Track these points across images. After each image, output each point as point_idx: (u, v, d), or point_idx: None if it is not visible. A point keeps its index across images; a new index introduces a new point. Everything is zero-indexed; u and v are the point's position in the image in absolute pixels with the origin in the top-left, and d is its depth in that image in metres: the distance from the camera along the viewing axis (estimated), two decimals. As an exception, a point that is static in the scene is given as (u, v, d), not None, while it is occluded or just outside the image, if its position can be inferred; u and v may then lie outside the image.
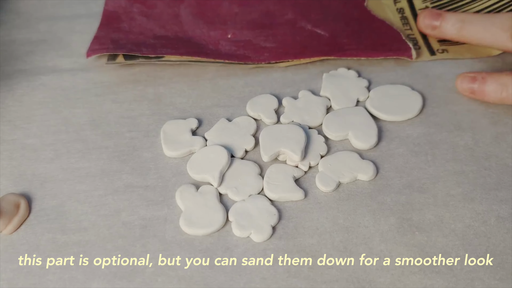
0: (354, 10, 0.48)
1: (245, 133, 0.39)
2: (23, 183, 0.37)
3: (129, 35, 0.46)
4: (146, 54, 0.43)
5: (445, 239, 0.33)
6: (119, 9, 0.48)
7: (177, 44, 0.45)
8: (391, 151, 0.38)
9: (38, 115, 0.41)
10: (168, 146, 0.38)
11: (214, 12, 0.48)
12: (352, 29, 0.46)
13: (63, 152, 0.39)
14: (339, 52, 0.44)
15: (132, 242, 0.34)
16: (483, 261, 0.32)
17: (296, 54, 0.44)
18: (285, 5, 0.48)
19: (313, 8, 0.48)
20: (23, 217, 0.35)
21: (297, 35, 0.46)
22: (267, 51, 0.45)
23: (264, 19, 0.47)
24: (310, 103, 0.41)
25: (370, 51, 0.44)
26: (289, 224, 0.35)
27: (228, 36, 0.46)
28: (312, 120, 0.40)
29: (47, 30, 0.48)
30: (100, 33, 0.46)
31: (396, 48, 0.44)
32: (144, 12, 0.48)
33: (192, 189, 0.36)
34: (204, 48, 0.45)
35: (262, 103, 0.41)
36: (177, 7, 0.48)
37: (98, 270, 0.33)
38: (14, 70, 0.44)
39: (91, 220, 0.35)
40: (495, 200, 0.35)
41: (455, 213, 0.35)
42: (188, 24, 0.47)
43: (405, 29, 0.46)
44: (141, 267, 0.33)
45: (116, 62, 0.44)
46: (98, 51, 0.44)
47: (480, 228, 0.34)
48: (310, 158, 0.37)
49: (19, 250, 0.34)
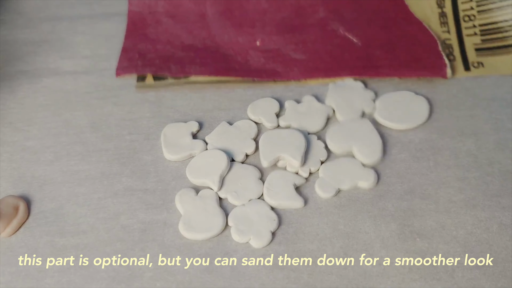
0: (390, 5, 0.45)
1: (246, 137, 0.39)
2: (23, 185, 0.37)
3: (157, 44, 0.44)
4: (174, 74, 0.42)
5: (446, 245, 0.33)
6: (144, 9, 0.47)
7: (206, 57, 0.43)
8: (393, 157, 0.38)
9: (39, 118, 0.41)
10: (168, 150, 0.38)
11: (241, 9, 0.46)
12: (386, 36, 0.44)
13: (63, 154, 0.39)
14: (371, 71, 0.42)
15: (131, 245, 0.34)
16: (484, 269, 0.32)
17: (327, 70, 0.42)
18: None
19: (346, 3, 0.45)
20: (22, 219, 0.35)
21: (328, 43, 0.44)
22: (297, 65, 0.43)
23: (294, 19, 0.45)
24: (312, 109, 0.40)
25: (403, 69, 0.41)
26: (289, 229, 0.34)
27: (257, 43, 0.44)
28: (310, 127, 0.39)
29: (50, 31, 0.48)
30: (128, 44, 0.45)
31: (431, 64, 0.42)
32: (170, 12, 0.46)
33: (191, 193, 0.36)
34: (233, 61, 0.43)
35: (263, 107, 0.40)
36: (202, 4, 0.46)
37: (97, 274, 0.32)
38: (16, 71, 0.44)
39: (90, 223, 0.35)
40: (497, 207, 0.35)
41: (457, 219, 0.34)
42: (215, 28, 0.45)
43: (442, 31, 0.44)
44: (140, 271, 0.32)
45: (146, 85, 0.43)
46: (127, 70, 0.43)
47: (482, 235, 0.34)
48: (310, 164, 0.37)
49: (17, 252, 0.33)
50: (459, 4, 0.44)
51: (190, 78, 0.42)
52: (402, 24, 0.44)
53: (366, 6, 0.45)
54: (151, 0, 0.47)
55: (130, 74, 0.43)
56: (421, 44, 0.43)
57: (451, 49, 0.43)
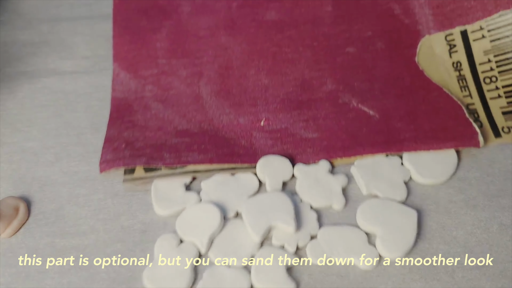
0: (403, 71, 0.40)
1: (243, 193, 0.35)
2: (23, 186, 0.37)
3: (146, 131, 0.38)
4: (169, 163, 0.36)
5: (446, 246, 0.33)
6: (129, 95, 0.41)
7: (204, 143, 0.38)
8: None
9: (39, 118, 0.41)
10: (159, 204, 0.35)
11: (239, 87, 0.41)
12: (405, 105, 0.39)
13: (63, 155, 0.39)
14: (395, 146, 0.37)
15: (132, 246, 0.34)
16: (485, 269, 0.32)
17: (345, 149, 0.37)
18: (322, 68, 0.41)
19: (355, 73, 0.41)
20: (22, 220, 0.35)
21: (342, 118, 0.38)
22: (310, 145, 0.37)
23: (300, 94, 0.40)
24: (325, 179, 0.36)
25: (431, 141, 0.36)
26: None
27: (261, 123, 0.39)
28: (318, 199, 0.35)
29: (49, 31, 0.48)
30: (112, 133, 0.38)
31: (460, 134, 0.37)
32: (159, 96, 0.40)
33: (174, 242, 0.33)
34: (236, 145, 0.38)
35: (274, 167, 0.36)
36: (196, 84, 0.41)
37: (97, 275, 0.32)
38: (15, 72, 0.44)
39: (90, 224, 0.35)
40: (497, 207, 0.35)
41: (457, 220, 0.34)
42: (212, 110, 0.39)
43: (464, 96, 0.39)
44: (140, 272, 0.32)
45: (135, 178, 0.36)
46: (113, 164, 0.36)
47: (482, 235, 0.34)
48: (299, 236, 0.33)
49: (17, 253, 0.33)
50: (477, 66, 0.40)
51: (187, 167, 0.37)
52: (420, 91, 0.39)
53: (378, 75, 0.41)
54: (137, 84, 0.41)
55: (117, 168, 0.36)
56: (444, 111, 0.38)
57: (476, 114, 0.38)
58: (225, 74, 0.41)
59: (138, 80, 0.41)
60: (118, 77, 0.41)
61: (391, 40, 0.42)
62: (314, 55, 0.42)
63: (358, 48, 0.42)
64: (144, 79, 0.41)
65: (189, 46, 0.43)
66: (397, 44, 0.42)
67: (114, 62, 0.42)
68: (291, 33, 0.43)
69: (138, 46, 0.43)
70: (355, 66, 0.41)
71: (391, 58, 0.41)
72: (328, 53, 0.42)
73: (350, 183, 0.36)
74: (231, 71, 0.41)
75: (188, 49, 0.43)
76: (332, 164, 0.37)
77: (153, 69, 0.42)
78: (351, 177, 0.36)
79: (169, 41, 0.43)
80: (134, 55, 0.42)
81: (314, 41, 0.42)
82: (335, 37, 0.42)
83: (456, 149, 0.37)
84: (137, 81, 0.41)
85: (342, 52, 0.42)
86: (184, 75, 0.41)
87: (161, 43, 0.43)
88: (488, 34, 0.39)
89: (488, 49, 0.39)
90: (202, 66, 0.42)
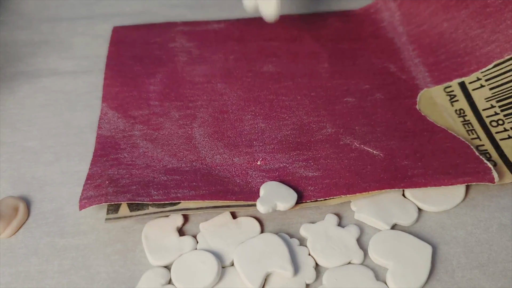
0: (405, 116, 0.39)
1: (243, 239, 0.33)
2: (23, 186, 0.37)
3: (132, 169, 0.36)
4: (157, 200, 0.34)
5: (446, 246, 0.33)
6: (116, 133, 0.38)
7: (195, 180, 0.35)
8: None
9: (39, 118, 0.41)
10: (153, 255, 0.33)
11: (234, 130, 0.39)
12: (410, 145, 0.37)
13: (63, 155, 0.39)
14: (403, 182, 0.34)
15: (132, 246, 0.34)
16: (484, 269, 0.32)
17: (349, 186, 0.35)
18: (321, 114, 0.40)
19: (355, 118, 0.39)
20: (21, 220, 0.35)
21: (344, 158, 0.36)
22: (311, 183, 0.35)
23: (299, 136, 0.38)
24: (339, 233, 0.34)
25: (442, 176, 0.34)
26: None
27: (258, 163, 0.36)
28: (335, 260, 0.32)
29: (50, 31, 0.48)
30: (95, 169, 0.36)
31: (473, 170, 0.35)
32: (148, 135, 0.38)
33: (161, 281, 0.31)
34: (231, 183, 0.35)
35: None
36: (188, 125, 0.39)
37: (97, 275, 0.32)
38: (16, 72, 0.44)
39: (90, 223, 0.35)
40: (497, 207, 0.35)
41: (456, 220, 0.34)
42: (205, 149, 0.37)
43: (472, 139, 0.38)
44: (140, 272, 0.32)
45: (118, 217, 0.33)
46: (94, 200, 0.33)
47: (482, 235, 0.34)
48: (296, 283, 0.31)
49: (17, 254, 0.33)
50: (481, 111, 0.39)
51: (177, 205, 0.34)
52: (424, 133, 0.38)
53: (379, 120, 0.39)
54: (126, 123, 0.39)
55: (98, 205, 0.33)
56: (452, 150, 0.36)
57: (488, 155, 0.37)
58: (220, 117, 0.40)
59: (127, 119, 0.39)
60: (106, 116, 0.39)
61: (390, 92, 0.42)
62: (312, 103, 0.41)
63: (357, 98, 0.41)
64: (134, 119, 0.39)
65: (183, 91, 0.42)
66: (396, 95, 0.41)
67: (103, 102, 0.40)
68: (288, 84, 0.42)
69: (130, 88, 0.42)
70: (354, 112, 0.40)
71: (391, 106, 0.40)
72: (327, 102, 0.41)
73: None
74: (226, 115, 0.40)
75: (182, 93, 0.41)
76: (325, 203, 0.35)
77: (144, 110, 0.40)
78: (359, 224, 0.34)
79: (162, 85, 0.42)
80: (125, 96, 0.41)
81: (311, 91, 0.42)
82: (333, 88, 0.42)
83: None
84: (125, 120, 0.39)
85: (340, 101, 0.41)
86: (176, 117, 0.40)
87: (155, 87, 0.42)
88: (486, 83, 0.39)
89: (489, 96, 0.39)
90: (196, 109, 0.40)
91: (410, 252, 0.32)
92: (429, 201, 0.35)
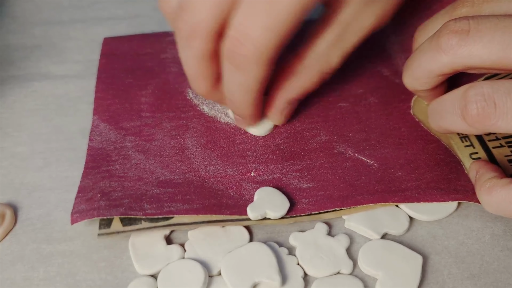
0: (399, 121, 0.39)
1: (231, 247, 0.33)
2: (11, 192, 0.36)
3: (125, 182, 0.35)
4: (150, 214, 0.33)
5: (437, 256, 0.33)
6: (107, 145, 0.38)
7: (189, 193, 0.35)
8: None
9: (29, 123, 0.41)
10: (139, 264, 0.32)
11: (227, 140, 0.39)
12: (404, 154, 0.37)
13: (53, 160, 0.38)
14: (396, 196, 0.34)
15: (119, 253, 0.33)
16: (476, 279, 0.32)
17: (343, 198, 0.35)
18: (314, 121, 0.40)
19: (349, 124, 0.39)
20: (8, 227, 0.34)
21: (338, 167, 0.36)
22: (305, 196, 0.35)
23: (292, 145, 0.38)
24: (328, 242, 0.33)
25: (433, 192, 0.35)
26: None
27: (251, 174, 0.36)
28: (323, 270, 0.32)
29: (42, 35, 0.48)
30: (86, 181, 0.35)
31: (463, 188, 0.35)
32: (140, 147, 0.38)
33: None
34: (225, 196, 0.35)
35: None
36: (181, 136, 0.39)
37: (83, 282, 0.32)
38: (7, 76, 0.44)
39: (77, 229, 0.34)
40: (490, 217, 0.34)
41: (448, 229, 0.34)
42: (197, 160, 0.37)
43: (465, 146, 0.37)
44: (127, 280, 0.32)
45: (111, 232, 0.33)
46: (85, 214, 0.33)
47: (473, 245, 0.33)
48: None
49: (3, 260, 0.33)
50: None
51: (171, 220, 0.34)
52: (419, 142, 0.38)
53: (373, 125, 0.39)
54: (117, 135, 0.39)
55: (90, 219, 0.33)
56: (444, 163, 0.37)
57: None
58: (212, 127, 0.39)
59: (118, 131, 0.39)
60: (97, 128, 0.39)
61: (384, 95, 0.41)
62: (305, 110, 0.40)
63: (350, 103, 0.41)
64: (125, 130, 0.39)
65: (175, 102, 0.41)
66: (390, 99, 0.41)
67: (94, 115, 0.40)
68: None
69: (122, 101, 0.41)
70: (348, 118, 0.40)
71: (386, 111, 0.40)
72: (320, 108, 0.41)
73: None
74: (218, 124, 0.40)
75: (174, 104, 0.41)
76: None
77: (135, 122, 0.40)
78: (350, 233, 0.34)
79: (154, 97, 0.41)
80: (116, 108, 0.40)
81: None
82: (326, 94, 0.41)
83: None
84: (117, 132, 0.39)
85: (334, 106, 0.41)
86: (168, 127, 0.39)
87: (146, 98, 0.41)
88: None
89: None
90: (188, 119, 0.40)
91: (400, 262, 0.32)
92: (421, 209, 0.34)
